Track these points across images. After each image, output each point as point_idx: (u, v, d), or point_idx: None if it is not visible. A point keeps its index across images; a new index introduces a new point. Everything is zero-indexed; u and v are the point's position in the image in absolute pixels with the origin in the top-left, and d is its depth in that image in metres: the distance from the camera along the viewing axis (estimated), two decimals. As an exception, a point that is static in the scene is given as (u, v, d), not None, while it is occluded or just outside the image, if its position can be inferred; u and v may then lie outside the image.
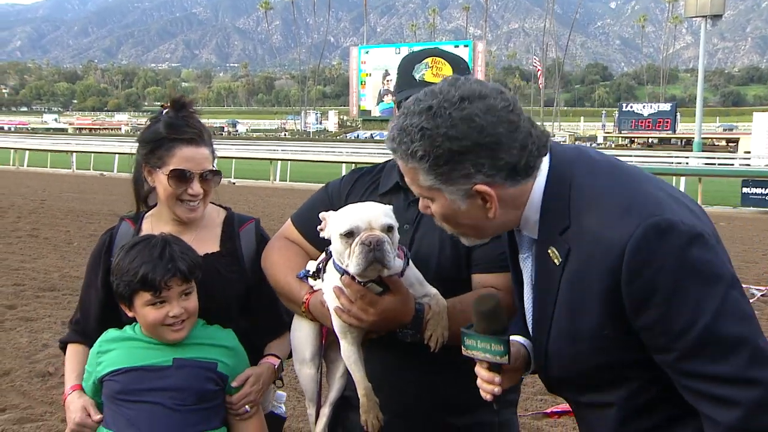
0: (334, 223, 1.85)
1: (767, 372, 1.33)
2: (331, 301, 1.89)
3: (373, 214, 1.80)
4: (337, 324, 1.89)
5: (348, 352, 1.91)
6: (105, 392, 2.12)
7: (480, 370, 1.62)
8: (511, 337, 1.75)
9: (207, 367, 2.12)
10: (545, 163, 1.53)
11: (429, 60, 2.02)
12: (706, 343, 1.34)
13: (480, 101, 1.43)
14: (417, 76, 2.00)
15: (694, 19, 49.96)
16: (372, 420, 1.88)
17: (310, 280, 2.02)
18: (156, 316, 2.05)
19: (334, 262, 1.88)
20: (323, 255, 2.00)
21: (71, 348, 2.33)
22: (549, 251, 1.52)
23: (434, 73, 2.00)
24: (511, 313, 1.76)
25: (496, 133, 1.42)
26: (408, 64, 2.05)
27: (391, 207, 1.88)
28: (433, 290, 1.90)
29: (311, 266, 2.05)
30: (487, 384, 1.60)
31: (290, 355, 2.29)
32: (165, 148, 2.21)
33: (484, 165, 1.44)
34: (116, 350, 2.12)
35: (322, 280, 1.96)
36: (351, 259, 1.76)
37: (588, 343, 1.47)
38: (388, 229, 1.79)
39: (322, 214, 1.92)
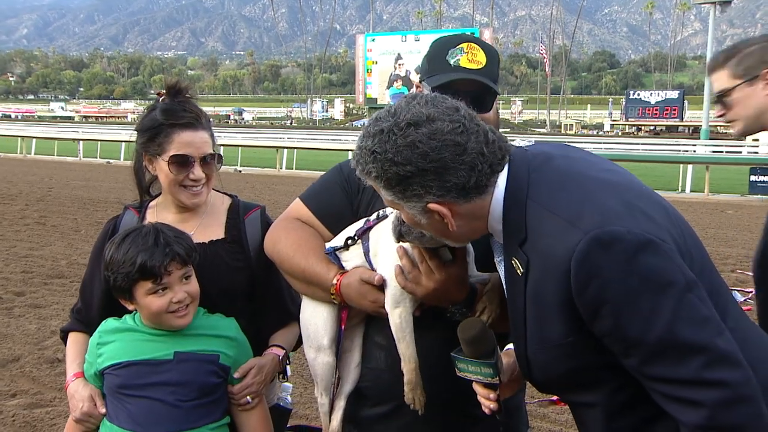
0: None
1: (727, 372, 1.34)
2: (387, 267, 1.85)
3: None
4: (391, 292, 1.84)
5: (403, 323, 1.85)
6: (106, 385, 2.10)
7: (477, 387, 1.68)
8: (508, 347, 1.78)
9: (209, 359, 2.08)
10: (503, 175, 1.54)
11: (464, 45, 1.97)
12: (663, 349, 1.36)
13: (427, 125, 1.46)
14: (452, 62, 1.95)
15: (702, 5, 49.51)
16: (419, 397, 1.87)
17: (344, 255, 1.94)
18: (160, 304, 2.02)
19: None
20: (361, 224, 1.95)
21: (73, 336, 2.32)
22: (512, 261, 1.54)
23: (470, 59, 1.95)
24: None
25: (441, 158, 1.45)
26: (441, 49, 1.99)
27: None
28: (477, 272, 1.88)
29: (333, 243, 1.98)
30: (484, 400, 1.67)
31: (296, 347, 2.28)
32: (164, 134, 2.19)
33: (432, 187, 1.48)
34: (116, 342, 2.10)
35: (368, 251, 1.91)
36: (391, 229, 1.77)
37: (558, 350, 1.49)
38: None
39: None
